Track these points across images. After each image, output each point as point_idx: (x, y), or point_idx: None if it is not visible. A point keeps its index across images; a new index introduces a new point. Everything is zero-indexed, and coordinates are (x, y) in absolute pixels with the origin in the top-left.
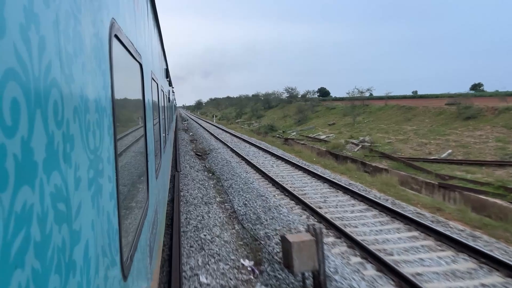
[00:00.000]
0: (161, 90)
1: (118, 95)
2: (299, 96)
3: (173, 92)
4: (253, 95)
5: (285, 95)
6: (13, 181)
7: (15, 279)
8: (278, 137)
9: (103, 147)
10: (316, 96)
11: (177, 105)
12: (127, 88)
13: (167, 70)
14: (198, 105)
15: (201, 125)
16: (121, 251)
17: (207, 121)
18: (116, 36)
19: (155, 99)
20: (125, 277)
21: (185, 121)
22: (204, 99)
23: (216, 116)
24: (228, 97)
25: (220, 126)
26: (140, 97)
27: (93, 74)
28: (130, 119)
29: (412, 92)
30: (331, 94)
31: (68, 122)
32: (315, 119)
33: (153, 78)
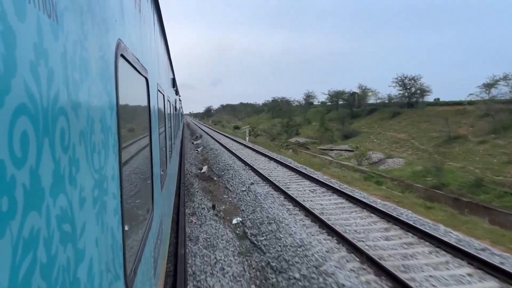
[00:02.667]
0: (168, 100)
1: (123, 113)
2: (421, 93)
3: (180, 100)
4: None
5: (392, 94)
6: (21, 208)
7: None
8: None
9: (108, 165)
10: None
11: (183, 113)
12: (133, 104)
13: (173, 80)
14: (208, 112)
15: (240, 158)
16: (124, 265)
17: (233, 137)
18: (122, 55)
19: (161, 110)
20: None
21: (196, 138)
22: (214, 106)
23: (241, 129)
24: (241, 103)
25: (283, 160)
26: (146, 111)
27: (98, 96)
28: (136, 132)
29: None
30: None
31: (74, 146)
32: None
33: (159, 90)
